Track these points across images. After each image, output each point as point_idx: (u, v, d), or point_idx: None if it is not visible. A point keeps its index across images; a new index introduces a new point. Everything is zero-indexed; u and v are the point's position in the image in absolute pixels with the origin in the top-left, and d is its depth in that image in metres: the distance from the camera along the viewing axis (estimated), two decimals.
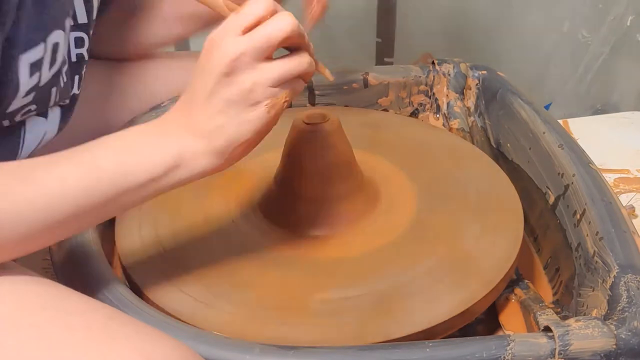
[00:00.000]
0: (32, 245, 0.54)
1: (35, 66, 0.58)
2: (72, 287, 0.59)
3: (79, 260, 0.65)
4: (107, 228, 0.75)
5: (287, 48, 0.58)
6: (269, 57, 0.56)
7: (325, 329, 0.63)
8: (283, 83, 0.56)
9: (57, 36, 0.61)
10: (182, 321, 0.60)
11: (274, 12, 0.56)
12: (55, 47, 0.60)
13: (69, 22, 0.65)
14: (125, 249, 0.72)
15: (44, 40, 0.59)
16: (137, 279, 0.68)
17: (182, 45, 1.56)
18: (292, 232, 0.73)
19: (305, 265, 0.70)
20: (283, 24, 0.55)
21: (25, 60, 0.57)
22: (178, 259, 0.70)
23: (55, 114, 0.70)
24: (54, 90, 0.66)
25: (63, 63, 0.65)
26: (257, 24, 0.55)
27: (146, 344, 0.51)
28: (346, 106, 0.98)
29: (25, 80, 0.59)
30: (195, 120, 0.56)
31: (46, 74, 0.61)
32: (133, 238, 0.73)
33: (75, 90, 0.71)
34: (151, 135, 0.56)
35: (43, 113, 0.68)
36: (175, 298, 0.65)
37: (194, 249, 0.72)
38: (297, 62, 0.57)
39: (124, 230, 0.74)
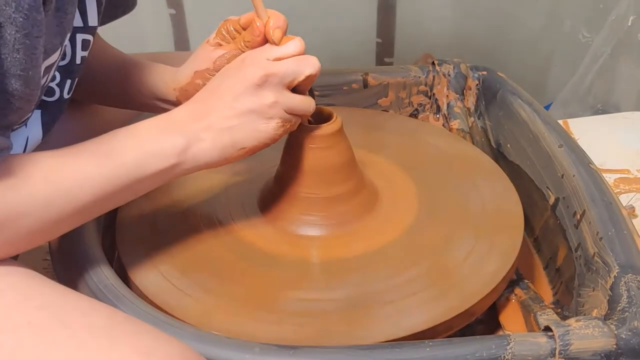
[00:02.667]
0: (61, 227, 0.59)
1: (48, 69, 0.59)
2: (71, 286, 0.60)
3: (79, 260, 0.65)
4: (108, 227, 0.75)
5: (294, 90, 0.66)
6: (290, 87, 0.64)
7: (286, 328, 0.63)
8: (293, 114, 0.65)
9: (67, 38, 0.61)
10: (180, 320, 0.60)
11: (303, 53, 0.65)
12: (64, 48, 0.61)
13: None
14: (125, 247, 0.72)
15: (61, 44, 0.59)
16: (137, 278, 0.68)
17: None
18: (290, 231, 0.73)
19: (294, 265, 0.70)
20: (312, 63, 0.64)
21: (44, 65, 0.57)
22: (176, 257, 0.70)
23: (34, 118, 0.69)
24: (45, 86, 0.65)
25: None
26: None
27: (146, 342, 0.51)
28: (346, 106, 0.98)
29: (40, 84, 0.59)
30: (209, 116, 0.62)
31: (51, 74, 0.61)
32: (133, 237, 0.73)
33: (65, 95, 0.70)
34: (163, 130, 0.61)
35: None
36: (167, 292, 0.66)
37: (193, 248, 0.72)
38: (308, 103, 0.66)
39: (124, 229, 0.74)
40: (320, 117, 0.73)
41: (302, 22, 1.51)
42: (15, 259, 0.58)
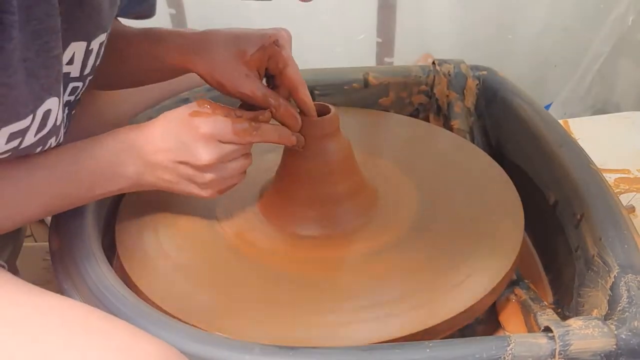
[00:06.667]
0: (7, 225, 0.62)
1: (17, 134, 0.56)
2: (71, 285, 0.60)
3: (79, 260, 0.65)
4: (108, 227, 0.75)
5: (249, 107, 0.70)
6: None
7: (285, 328, 0.63)
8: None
9: (50, 103, 0.57)
10: (179, 319, 0.60)
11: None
12: (47, 114, 0.57)
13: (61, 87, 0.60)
14: (124, 247, 0.72)
15: (34, 111, 0.56)
16: (136, 277, 0.68)
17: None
18: (291, 231, 0.73)
19: (293, 264, 0.70)
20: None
21: (5, 132, 0.54)
22: (176, 257, 0.70)
23: None
24: (39, 149, 0.61)
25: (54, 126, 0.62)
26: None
27: (124, 339, 0.51)
28: (346, 106, 0.98)
29: (1, 147, 0.56)
30: (156, 162, 0.64)
31: (30, 139, 0.58)
32: (133, 237, 0.73)
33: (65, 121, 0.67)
34: (122, 156, 0.64)
35: None
36: (166, 291, 0.66)
37: (192, 248, 0.72)
38: (247, 161, 0.68)
39: (124, 229, 0.74)
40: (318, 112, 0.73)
41: (303, 21, 1.51)
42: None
